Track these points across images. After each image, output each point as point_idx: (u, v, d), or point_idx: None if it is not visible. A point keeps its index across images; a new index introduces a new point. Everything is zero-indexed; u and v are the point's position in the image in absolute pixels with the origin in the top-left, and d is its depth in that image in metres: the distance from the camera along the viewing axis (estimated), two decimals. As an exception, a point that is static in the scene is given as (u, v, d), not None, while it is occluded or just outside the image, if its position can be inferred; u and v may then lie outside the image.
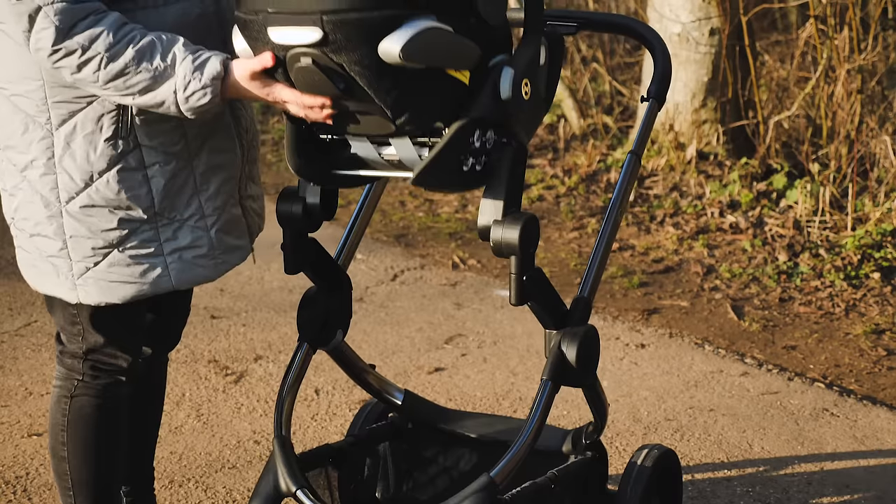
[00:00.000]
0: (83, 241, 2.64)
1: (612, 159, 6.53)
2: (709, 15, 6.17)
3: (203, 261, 2.73)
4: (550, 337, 2.66)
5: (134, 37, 2.46)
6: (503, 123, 2.45)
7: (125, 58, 2.45)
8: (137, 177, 2.61)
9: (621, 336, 4.65)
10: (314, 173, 2.59)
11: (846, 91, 5.90)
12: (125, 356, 2.80)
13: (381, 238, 5.72)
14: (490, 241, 2.48)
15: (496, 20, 2.39)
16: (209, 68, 2.47)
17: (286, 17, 2.27)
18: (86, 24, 2.43)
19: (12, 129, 2.62)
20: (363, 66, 2.28)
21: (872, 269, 5.13)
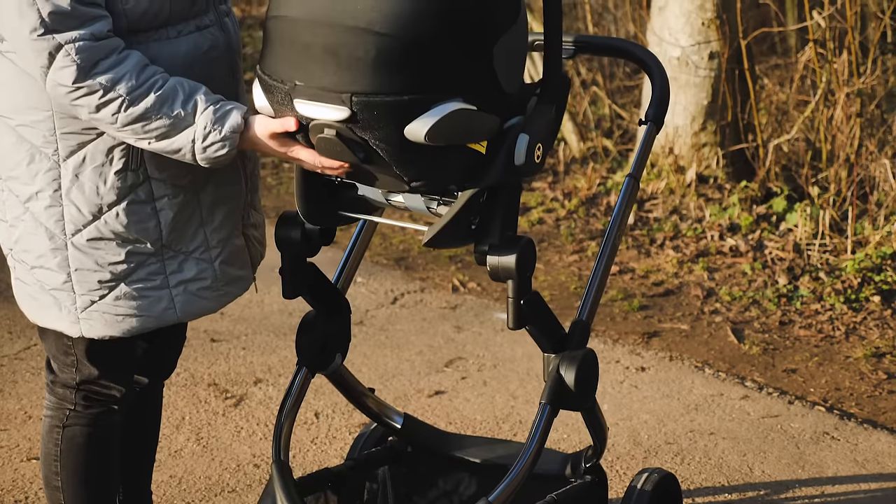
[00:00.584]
0: (89, 274, 2.62)
1: (612, 182, 6.53)
2: (708, 39, 6.18)
3: (207, 293, 2.72)
4: (549, 361, 2.66)
5: (156, 81, 2.45)
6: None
7: (147, 102, 2.43)
8: (146, 209, 2.61)
9: (621, 359, 4.64)
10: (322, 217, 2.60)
11: (845, 114, 5.91)
12: (119, 387, 2.78)
13: (380, 261, 5.72)
14: (487, 265, 2.48)
15: (514, 88, 2.40)
16: (230, 121, 2.47)
17: (315, 92, 2.27)
18: (108, 64, 2.42)
19: (16, 159, 2.60)
20: (387, 143, 2.28)
21: (872, 293, 5.12)
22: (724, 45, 6.14)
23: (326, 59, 2.23)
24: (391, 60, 2.21)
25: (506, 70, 2.35)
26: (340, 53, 2.22)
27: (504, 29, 2.32)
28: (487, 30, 2.29)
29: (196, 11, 2.60)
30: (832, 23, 6.04)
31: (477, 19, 2.27)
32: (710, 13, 6.17)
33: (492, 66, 2.31)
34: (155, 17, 2.52)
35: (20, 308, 2.78)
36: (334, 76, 2.24)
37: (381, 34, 2.19)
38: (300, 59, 2.27)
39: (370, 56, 2.20)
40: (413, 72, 2.23)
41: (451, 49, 2.25)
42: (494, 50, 2.30)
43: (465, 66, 2.28)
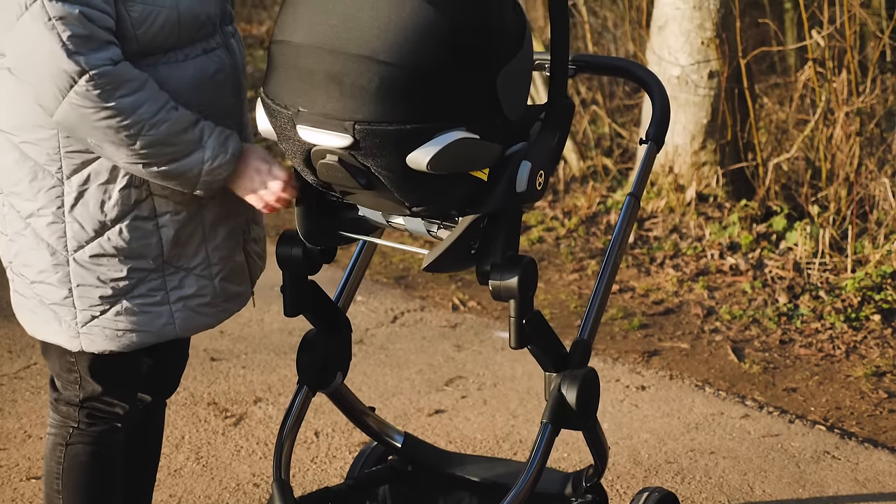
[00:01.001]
0: (91, 289, 2.64)
1: (612, 201, 6.54)
2: (707, 58, 6.20)
3: (206, 309, 2.74)
4: (550, 380, 2.65)
5: (172, 107, 2.50)
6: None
7: (165, 127, 2.48)
8: (149, 226, 2.63)
9: (621, 378, 4.64)
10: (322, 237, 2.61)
11: (845, 133, 5.92)
12: (122, 404, 2.79)
13: (380, 280, 5.72)
14: (489, 285, 2.48)
15: (517, 115, 2.40)
16: (233, 145, 2.56)
17: (318, 118, 2.27)
18: (129, 89, 2.45)
19: (19, 176, 2.61)
20: (389, 171, 2.29)
21: (873, 312, 5.12)
22: (724, 64, 6.15)
23: (330, 86, 2.24)
24: (395, 89, 2.21)
25: (509, 98, 2.35)
26: (344, 81, 2.22)
27: (508, 58, 2.32)
28: (491, 59, 2.29)
29: (203, 34, 2.62)
30: (831, 42, 6.06)
31: (481, 50, 2.27)
32: (710, 32, 6.18)
33: (495, 94, 2.31)
34: (164, 41, 2.54)
35: (18, 320, 2.78)
36: (338, 103, 2.24)
37: (385, 63, 2.19)
38: (304, 85, 2.27)
39: (374, 85, 2.20)
40: (416, 101, 2.23)
41: (454, 79, 2.25)
42: (498, 79, 2.30)
43: (469, 96, 2.28)
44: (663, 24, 6.33)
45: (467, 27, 2.24)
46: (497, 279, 2.46)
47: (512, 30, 2.34)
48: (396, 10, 2.20)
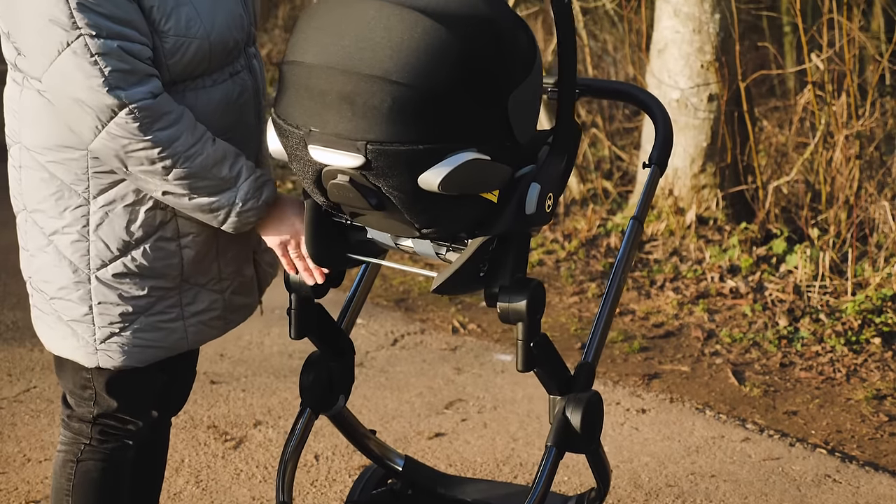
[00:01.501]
0: (111, 307, 2.66)
1: (612, 224, 6.54)
2: (707, 81, 6.21)
3: (215, 322, 2.78)
4: (554, 403, 2.65)
5: (208, 140, 2.53)
6: None
7: (199, 160, 2.51)
8: (172, 247, 2.66)
9: (622, 401, 4.63)
10: (330, 260, 2.61)
11: (845, 157, 5.93)
12: (135, 421, 2.81)
13: (381, 302, 5.72)
14: (497, 307, 2.48)
15: (527, 138, 2.41)
16: (267, 193, 2.59)
17: (329, 138, 2.27)
18: (167, 121, 2.48)
19: (44, 194, 2.63)
20: (400, 191, 2.29)
21: (873, 335, 5.12)
22: (724, 87, 6.17)
23: (342, 106, 2.24)
24: (407, 110, 2.21)
25: (520, 120, 2.35)
26: (356, 101, 2.22)
27: (520, 80, 2.32)
28: (503, 81, 2.29)
29: (230, 59, 2.65)
30: (831, 65, 6.07)
31: (493, 71, 2.27)
32: (709, 56, 6.20)
33: (506, 116, 2.31)
34: (195, 70, 2.57)
35: (38, 335, 2.80)
36: (349, 123, 2.24)
37: (397, 83, 2.19)
38: (316, 105, 2.27)
39: (386, 105, 2.20)
40: (428, 121, 2.23)
41: (466, 100, 2.24)
42: (510, 101, 2.30)
43: (481, 117, 2.28)
44: (663, 47, 6.35)
45: (480, 49, 2.24)
46: (506, 301, 2.46)
47: (524, 53, 2.34)
48: (409, 31, 2.20)
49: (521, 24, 2.37)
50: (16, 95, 2.64)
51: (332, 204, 2.44)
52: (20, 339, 5.04)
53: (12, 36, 2.53)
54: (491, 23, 2.26)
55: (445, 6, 2.23)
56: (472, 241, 2.41)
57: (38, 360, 4.87)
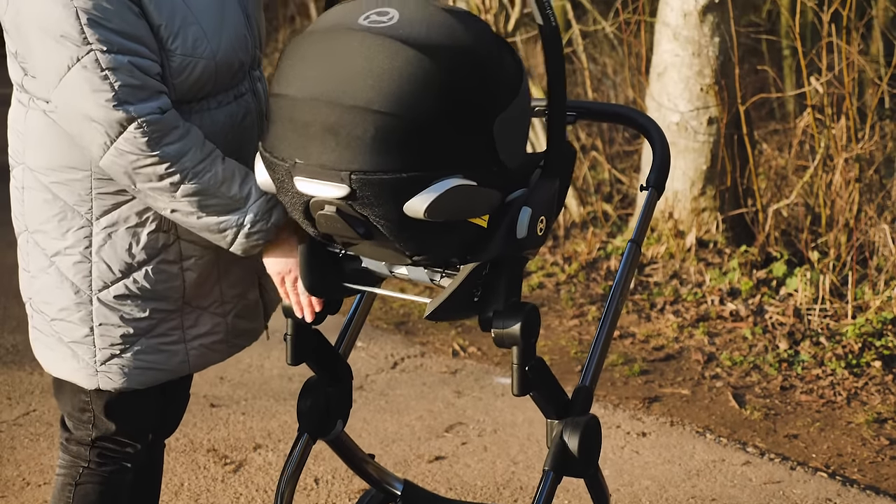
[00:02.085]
0: (113, 329, 2.66)
1: (612, 247, 6.54)
2: (707, 104, 6.22)
3: (218, 346, 2.78)
4: (552, 427, 2.64)
5: (218, 157, 2.53)
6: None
7: (209, 177, 2.51)
8: (174, 269, 2.66)
9: (622, 424, 4.62)
10: (326, 289, 2.61)
11: (844, 180, 5.94)
12: (134, 444, 2.81)
13: (381, 325, 5.71)
14: (492, 331, 2.48)
15: (515, 163, 2.41)
16: (276, 216, 2.58)
17: (314, 169, 2.28)
18: (175, 136, 2.49)
19: (47, 215, 2.64)
20: (387, 220, 2.29)
21: (873, 358, 5.11)
22: (723, 110, 6.18)
23: (326, 137, 2.25)
24: (390, 139, 2.22)
25: (506, 144, 2.35)
26: (340, 132, 2.23)
27: (506, 104, 2.33)
28: (487, 106, 2.29)
29: (235, 81, 2.66)
30: (830, 89, 6.08)
31: (477, 98, 2.27)
32: (709, 79, 6.21)
33: (492, 141, 2.31)
34: (200, 90, 2.58)
35: (26, 362, 2.80)
36: (333, 154, 2.25)
37: (379, 113, 2.20)
38: (300, 137, 2.28)
39: (369, 135, 2.21)
40: (412, 150, 2.24)
41: (450, 128, 2.25)
42: (495, 125, 2.30)
43: (465, 143, 2.29)
44: (663, 70, 6.36)
45: (462, 78, 2.25)
46: (500, 326, 2.46)
47: (508, 76, 2.34)
48: (390, 61, 2.21)
49: (506, 47, 2.37)
50: (21, 116, 2.65)
51: (323, 235, 2.44)
52: (20, 363, 5.04)
53: (20, 55, 2.55)
54: (473, 52, 2.27)
55: (427, 37, 2.24)
56: (464, 266, 2.41)
57: (37, 383, 4.87)
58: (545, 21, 2.36)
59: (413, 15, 2.27)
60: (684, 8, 6.23)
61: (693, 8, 6.20)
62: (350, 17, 2.30)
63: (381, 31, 2.24)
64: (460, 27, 2.28)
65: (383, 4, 2.30)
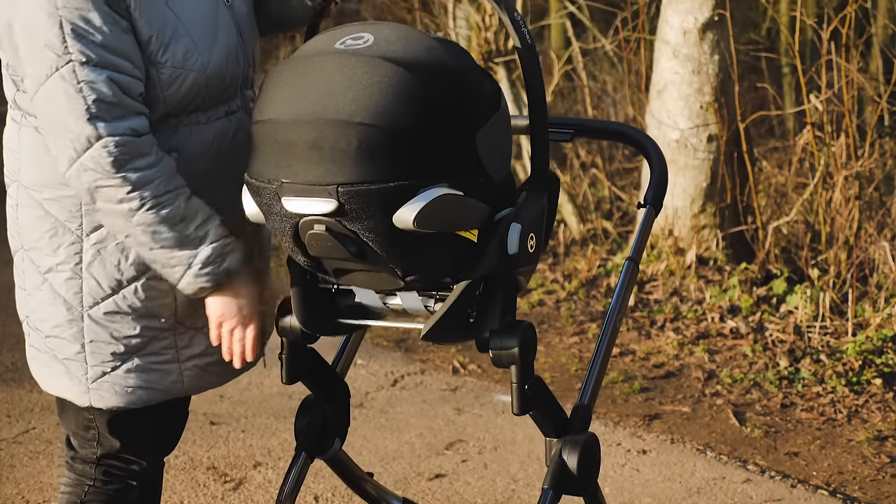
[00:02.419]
0: (103, 346, 2.66)
1: (612, 264, 6.54)
2: (706, 121, 6.23)
3: (214, 368, 2.76)
4: (551, 445, 2.64)
5: (183, 193, 2.52)
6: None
7: (168, 212, 2.50)
8: (164, 286, 2.64)
9: (622, 442, 4.62)
10: (320, 324, 2.61)
11: (844, 197, 5.94)
12: (139, 461, 2.80)
13: (381, 343, 5.71)
14: (489, 352, 2.48)
15: (501, 176, 2.42)
16: (231, 261, 2.57)
17: (301, 187, 2.29)
18: (143, 164, 2.48)
19: (40, 232, 2.64)
20: (377, 234, 2.30)
21: (874, 375, 5.11)
22: (723, 127, 6.19)
23: (310, 154, 2.26)
24: (374, 150, 2.23)
25: (490, 157, 2.37)
26: (323, 147, 2.24)
27: (485, 118, 2.35)
28: (469, 116, 2.31)
29: (226, 97, 2.66)
30: (830, 106, 6.09)
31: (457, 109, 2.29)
32: (709, 96, 6.23)
33: (476, 152, 2.33)
34: (190, 103, 2.58)
35: (23, 380, 2.80)
36: (319, 169, 2.26)
37: (362, 125, 2.22)
38: (285, 157, 2.29)
39: (353, 146, 2.23)
40: (396, 159, 2.25)
41: (433, 136, 2.27)
42: (477, 136, 2.32)
43: (449, 153, 2.30)
44: (662, 88, 6.37)
45: (441, 86, 2.27)
46: (497, 346, 2.46)
47: (487, 93, 2.38)
48: (369, 76, 2.24)
49: (486, 73, 2.42)
50: (14, 135, 2.66)
51: (314, 262, 2.44)
52: (19, 380, 5.04)
53: (11, 66, 2.55)
54: (451, 66, 2.30)
55: (404, 53, 2.27)
56: (458, 285, 2.42)
57: (37, 401, 4.87)
58: (521, 40, 2.40)
59: (389, 36, 2.31)
60: (684, 26, 6.24)
61: (693, 26, 6.21)
62: (326, 43, 2.34)
63: (357, 51, 2.27)
64: (437, 45, 2.32)
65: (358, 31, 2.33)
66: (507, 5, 2.42)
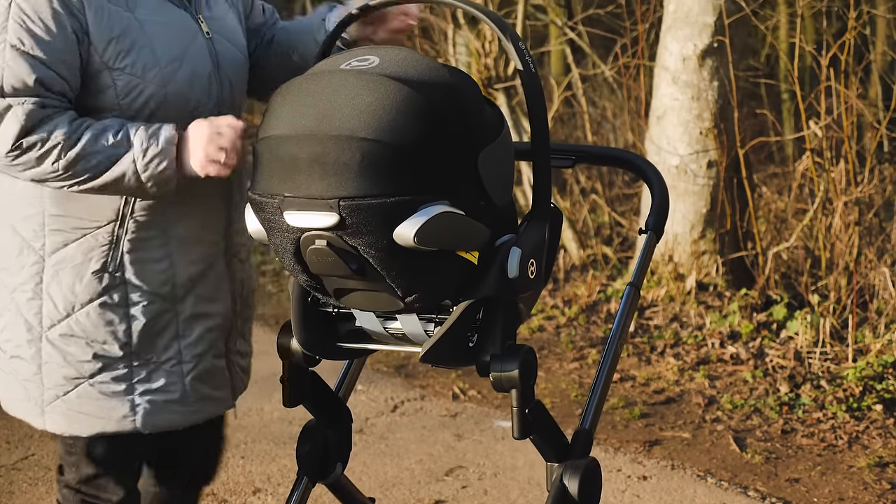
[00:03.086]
0: (57, 368, 2.66)
1: (612, 290, 6.54)
2: (706, 148, 6.25)
3: (175, 406, 2.73)
4: (552, 470, 2.64)
5: (88, 123, 2.52)
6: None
7: (82, 141, 2.50)
8: (119, 313, 2.65)
9: (623, 468, 4.61)
10: (320, 347, 2.61)
11: (844, 223, 5.95)
12: (118, 490, 2.78)
13: (381, 368, 5.71)
14: (490, 376, 2.48)
15: (503, 201, 2.43)
16: (165, 133, 2.54)
17: (303, 201, 2.30)
18: (45, 123, 2.49)
19: (7, 251, 2.66)
20: (378, 249, 2.31)
21: (874, 401, 5.10)
22: (722, 153, 6.20)
23: (313, 168, 2.27)
24: (376, 164, 2.25)
25: (492, 180, 2.38)
26: (326, 161, 2.26)
27: (488, 140, 2.37)
28: (471, 137, 2.33)
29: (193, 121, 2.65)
30: (829, 132, 6.11)
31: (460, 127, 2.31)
32: (708, 122, 6.24)
33: (477, 172, 2.34)
34: (151, 117, 2.59)
35: None
36: (321, 183, 2.27)
37: (365, 140, 2.24)
38: (288, 171, 2.31)
39: (355, 160, 2.24)
40: (398, 174, 2.27)
41: (435, 153, 2.28)
42: (479, 157, 2.34)
43: (451, 171, 2.32)
44: (662, 114, 6.39)
45: (445, 106, 2.29)
46: (498, 370, 2.46)
47: (490, 117, 2.41)
48: (373, 93, 2.26)
49: (488, 100, 2.43)
50: None
51: (315, 281, 2.44)
52: (19, 406, 5.04)
53: None
54: (454, 86, 2.32)
55: (407, 73, 2.29)
56: (457, 306, 2.42)
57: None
58: (525, 67, 2.42)
59: (393, 58, 2.33)
60: (683, 52, 6.26)
61: (692, 52, 6.24)
62: (332, 64, 2.36)
63: (362, 71, 2.30)
64: (441, 67, 2.35)
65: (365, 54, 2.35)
66: (512, 35, 2.44)
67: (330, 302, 2.52)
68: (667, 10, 6.41)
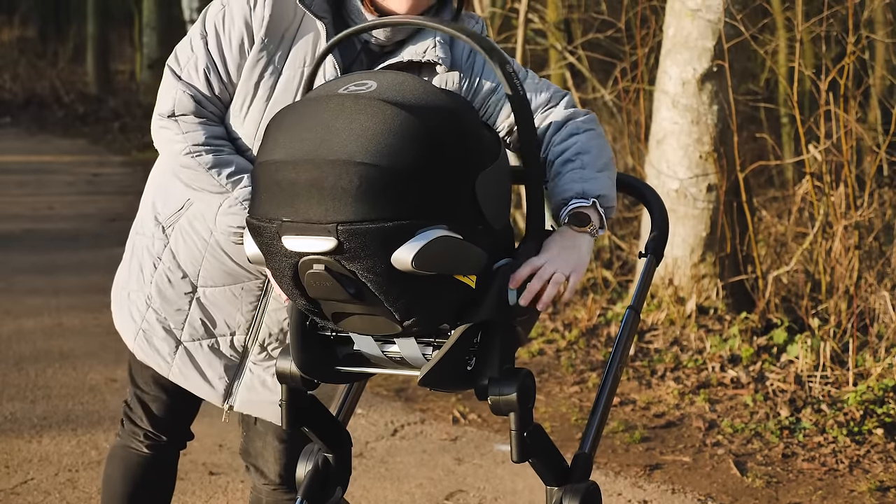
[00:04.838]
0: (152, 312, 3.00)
1: (612, 313, 6.54)
2: (706, 171, 6.25)
3: (164, 344, 2.99)
4: (552, 494, 2.63)
5: (221, 147, 2.75)
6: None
7: (201, 160, 2.73)
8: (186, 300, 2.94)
9: (623, 492, 4.60)
10: (318, 371, 2.61)
11: (844, 247, 5.95)
12: (143, 414, 3.09)
13: (381, 392, 5.70)
14: (488, 400, 2.48)
15: (500, 224, 2.44)
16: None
17: (301, 226, 2.31)
18: (194, 119, 2.74)
19: (176, 202, 2.92)
20: (376, 274, 2.31)
21: (875, 425, 5.09)
22: (722, 177, 6.21)
23: (311, 192, 2.28)
24: (374, 189, 2.25)
25: (489, 204, 2.38)
26: (324, 186, 2.27)
27: (485, 164, 2.38)
28: (468, 161, 2.33)
29: None
30: (829, 156, 6.12)
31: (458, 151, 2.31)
32: (708, 146, 6.25)
33: (474, 197, 2.35)
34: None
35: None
36: (319, 207, 2.28)
37: (363, 164, 2.24)
38: (286, 196, 2.31)
39: (353, 185, 2.25)
40: (396, 199, 2.27)
41: (433, 177, 2.29)
42: (477, 181, 2.34)
43: (449, 195, 2.32)
44: (662, 138, 6.40)
45: (443, 130, 2.30)
46: (496, 393, 2.46)
47: (488, 141, 2.41)
48: (370, 118, 2.27)
49: (486, 124, 2.44)
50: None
51: (313, 305, 2.44)
52: (18, 431, 5.02)
53: None
54: (452, 110, 2.33)
55: (404, 98, 2.31)
56: (456, 330, 2.42)
57: (35, 451, 4.85)
58: (513, 91, 2.43)
59: (391, 83, 2.35)
60: (683, 76, 6.28)
61: (692, 76, 6.25)
62: (329, 89, 2.39)
63: (360, 95, 2.31)
64: (438, 91, 2.36)
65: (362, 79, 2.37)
66: (499, 58, 2.45)
67: (328, 326, 2.52)
68: (666, 35, 6.43)
